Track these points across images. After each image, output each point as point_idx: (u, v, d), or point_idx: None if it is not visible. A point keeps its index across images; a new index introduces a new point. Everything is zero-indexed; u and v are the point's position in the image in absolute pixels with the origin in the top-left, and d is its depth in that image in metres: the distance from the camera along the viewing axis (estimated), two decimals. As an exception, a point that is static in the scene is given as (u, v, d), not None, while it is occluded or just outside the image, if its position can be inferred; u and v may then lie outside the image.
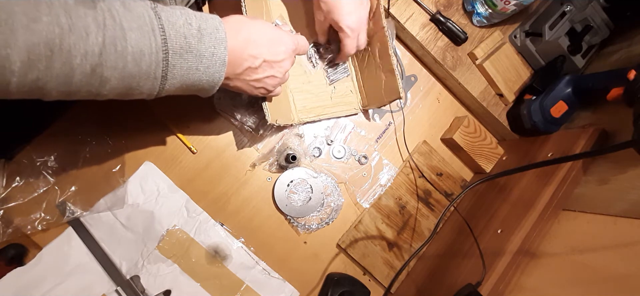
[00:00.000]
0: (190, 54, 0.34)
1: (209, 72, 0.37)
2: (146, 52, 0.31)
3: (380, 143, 0.69)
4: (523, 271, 0.52)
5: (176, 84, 0.35)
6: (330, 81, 0.64)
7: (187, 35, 0.34)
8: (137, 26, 0.31)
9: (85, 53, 0.28)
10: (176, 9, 0.35)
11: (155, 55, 0.32)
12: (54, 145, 0.54)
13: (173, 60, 0.33)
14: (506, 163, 0.69)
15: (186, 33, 0.34)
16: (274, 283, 0.60)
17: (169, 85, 0.35)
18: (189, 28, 0.34)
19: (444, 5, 0.70)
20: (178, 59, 0.34)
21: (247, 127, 0.62)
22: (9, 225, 0.50)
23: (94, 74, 0.29)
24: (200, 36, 0.35)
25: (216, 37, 0.36)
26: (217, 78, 0.38)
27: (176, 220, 0.57)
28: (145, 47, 0.31)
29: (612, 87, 0.54)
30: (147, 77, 0.33)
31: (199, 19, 0.35)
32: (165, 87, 0.35)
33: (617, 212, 0.47)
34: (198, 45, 0.35)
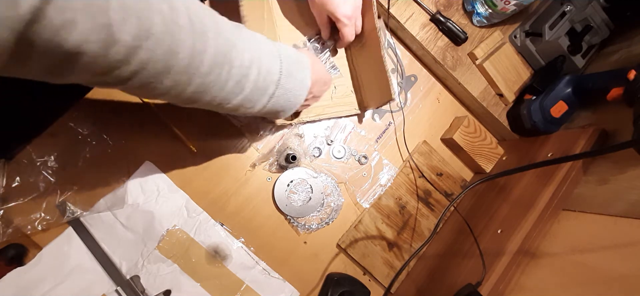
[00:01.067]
0: (292, 78, 0.41)
1: (297, 94, 0.44)
2: (272, 71, 0.39)
3: (380, 143, 0.69)
4: (523, 271, 0.52)
5: (275, 104, 0.41)
6: None
7: (291, 63, 0.41)
8: (268, 52, 0.39)
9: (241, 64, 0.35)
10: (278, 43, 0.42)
11: (277, 75, 0.39)
12: (54, 145, 0.54)
13: (283, 81, 0.40)
14: (506, 163, 0.69)
15: (291, 62, 0.41)
16: (274, 283, 0.60)
17: (271, 105, 0.41)
18: (289, 57, 0.41)
19: (444, 5, 0.70)
20: (285, 80, 0.40)
21: (247, 127, 0.62)
22: (9, 225, 0.50)
23: (238, 84, 0.36)
24: (298, 64, 0.42)
25: (305, 66, 0.43)
26: (300, 100, 0.45)
27: (176, 220, 0.57)
28: (273, 68, 0.39)
29: (612, 87, 0.54)
30: (264, 92, 0.39)
31: (292, 51, 0.43)
32: (268, 105, 0.41)
33: (617, 212, 0.47)
34: (297, 72, 0.42)
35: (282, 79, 0.40)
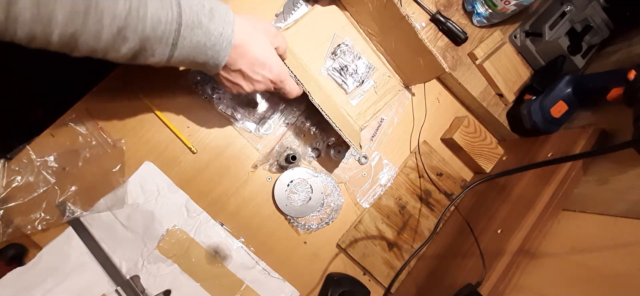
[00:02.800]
0: (200, 30, 0.39)
1: (216, 50, 0.41)
2: (163, 20, 0.36)
3: (376, 141, 0.69)
4: (523, 271, 0.52)
5: (184, 54, 0.39)
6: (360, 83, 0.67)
7: (199, 13, 0.38)
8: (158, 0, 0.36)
9: (114, 16, 0.33)
10: None
11: (170, 25, 0.37)
12: (54, 145, 0.54)
13: (185, 32, 0.38)
14: (506, 163, 0.69)
15: (199, 11, 0.38)
16: (274, 283, 0.60)
17: (178, 54, 0.39)
18: (202, 8, 0.39)
19: (444, 5, 0.70)
20: (189, 31, 0.38)
21: (247, 127, 0.62)
22: (9, 225, 0.50)
23: (119, 34, 0.34)
24: (211, 16, 0.39)
25: (225, 19, 0.40)
26: (223, 57, 0.42)
27: (176, 220, 0.57)
28: (163, 16, 0.36)
29: (612, 87, 0.55)
30: (160, 42, 0.37)
31: (212, 2, 0.40)
32: (175, 55, 0.39)
33: (617, 212, 0.47)
34: (208, 23, 0.39)
35: (183, 30, 0.37)
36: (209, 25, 0.39)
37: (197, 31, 0.39)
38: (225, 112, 0.61)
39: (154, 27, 0.36)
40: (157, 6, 0.35)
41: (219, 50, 0.41)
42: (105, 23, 0.33)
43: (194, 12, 0.38)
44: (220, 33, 0.40)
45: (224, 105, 0.61)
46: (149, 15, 0.35)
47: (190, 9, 0.38)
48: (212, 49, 0.40)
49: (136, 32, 0.35)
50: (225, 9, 0.41)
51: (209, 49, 0.40)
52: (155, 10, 0.35)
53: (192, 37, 0.39)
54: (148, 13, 0.35)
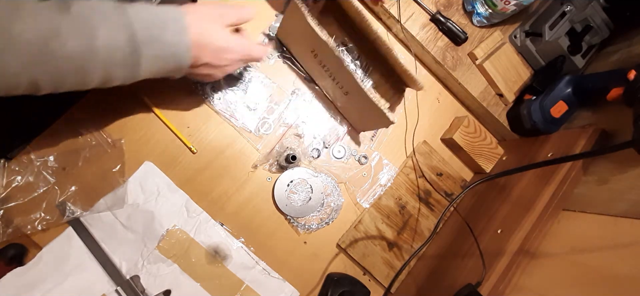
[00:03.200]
0: (156, 43, 0.39)
1: (176, 57, 0.42)
2: (117, 46, 0.37)
3: (376, 141, 0.69)
4: (523, 271, 0.52)
5: (149, 68, 0.40)
6: None
7: (151, 28, 0.39)
8: (107, 25, 0.36)
9: (67, 55, 0.34)
10: (139, 5, 0.39)
11: (125, 48, 0.37)
12: (54, 145, 0.54)
13: (142, 50, 0.38)
14: (506, 163, 0.69)
15: (150, 26, 0.39)
16: (274, 283, 0.60)
17: (143, 71, 0.40)
18: (153, 23, 0.39)
19: (444, 5, 0.70)
20: (146, 48, 0.39)
21: (247, 126, 0.62)
22: (9, 225, 0.50)
23: (80, 72, 0.35)
24: (164, 27, 0.40)
25: (178, 26, 0.41)
26: (185, 60, 0.43)
27: (176, 220, 0.57)
28: (115, 43, 0.36)
29: (612, 87, 0.54)
30: (121, 65, 0.38)
31: (161, 13, 0.40)
32: (141, 72, 0.40)
33: (617, 212, 0.47)
34: (162, 35, 0.39)
35: (142, 48, 0.38)
36: (164, 36, 0.40)
37: (154, 45, 0.39)
38: (225, 112, 0.61)
39: (111, 55, 0.36)
40: (107, 35, 0.36)
41: (180, 56, 0.42)
42: (62, 66, 0.34)
43: (146, 29, 0.38)
44: (177, 41, 0.41)
45: (224, 105, 0.61)
46: (102, 46, 0.36)
47: (142, 27, 0.38)
48: (172, 57, 0.41)
49: (96, 64, 0.36)
50: (175, 16, 0.41)
51: (169, 58, 0.41)
52: (106, 39, 0.36)
53: (150, 52, 0.39)
54: (100, 44, 0.35)
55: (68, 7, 0.34)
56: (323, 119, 0.67)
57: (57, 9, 0.33)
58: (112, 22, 0.36)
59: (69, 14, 0.34)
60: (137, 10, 0.38)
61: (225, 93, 0.61)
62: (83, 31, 0.34)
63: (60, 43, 0.33)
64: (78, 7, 0.35)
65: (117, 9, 0.37)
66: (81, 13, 0.35)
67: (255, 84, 0.63)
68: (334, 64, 0.56)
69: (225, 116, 0.61)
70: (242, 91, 0.62)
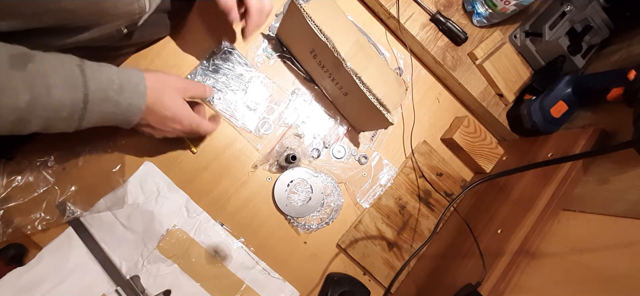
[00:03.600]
0: (108, 103, 0.41)
1: (126, 117, 0.43)
2: (67, 105, 0.37)
3: (376, 141, 0.69)
4: (523, 271, 0.52)
5: (92, 122, 0.41)
6: None
7: (108, 89, 0.40)
8: (63, 82, 0.37)
9: (14, 107, 0.34)
10: (103, 66, 0.41)
11: (75, 106, 0.38)
12: (54, 145, 0.54)
13: (91, 107, 0.39)
14: (506, 163, 0.69)
15: (107, 87, 0.40)
16: (274, 283, 0.60)
17: (85, 124, 0.41)
18: (110, 83, 0.40)
19: (444, 5, 0.70)
20: (96, 106, 0.40)
21: (247, 127, 0.62)
22: (9, 225, 0.50)
23: (19, 121, 0.36)
24: (120, 90, 0.41)
25: (136, 90, 0.43)
26: (133, 121, 0.45)
27: (176, 220, 0.57)
28: (67, 101, 0.37)
29: (612, 87, 0.54)
30: (65, 120, 0.39)
31: (122, 76, 0.42)
32: (82, 125, 0.41)
33: (617, 212, 0.47)
34: (117, 97, 0.41)
35: (89, 106, 0.39)
36: (118, 98, 0.41)
37: (106, 104, 0.40)
38: (225, 112, 0.61)
39: (58, 110, 0.37)
40: (62, 91, 0.37)
41: (129, 117, 0.44)
42: (3, 114, 0.34)
43: (102, 90, 0.40)
44: (129, 104, 0.42)
45: (224, 105, 0.61)
46: (53, 102, 0.36)
47: (98, 87, 0.39)
48: (122, 115, 0.43)
49: (39, 117, 0.36)
50: (136, 81, 0.43)
51: (118, 116, 0.43)
52: (60, 96, 0.37)
53: (99, 110, 0.40)
54: (52, 100, 0.36)
55: (25, 63, 0.35)
56: (323, 119, 0.67)
57: (12, 64, 0.34)
58: (67, 82, 0.37)
59: (24, 70, 0.35)
60: (95, 71, 0.39)
61: (225, 94, 0.61)
62: (37, 88, 0.35)
63: (8, 97, 0.34)
64: (36, 64, 0.36)
65: (76, 68, 0.38)
66: (38, 70, 0.35)
67: (255, 84, 0.63)
68: (333, 64, 0.56)
69: (225, 116, 0.61)
70: (242, 91, 0.62)
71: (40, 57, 0.36)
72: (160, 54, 0.59)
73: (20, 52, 0.35)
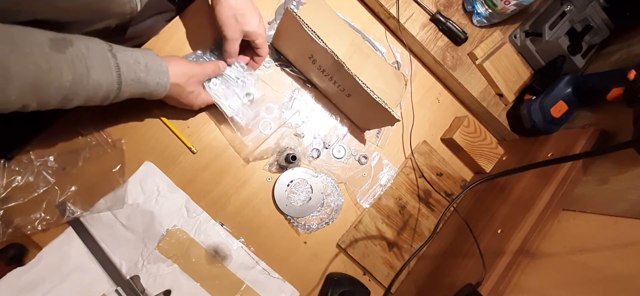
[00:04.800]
0: (138, 84, 0.45)
1: (154, 93, 0.48)
2: (104, 84, 0.42)
3: (381, 137, 0.69)
4: (523, 271, 0.52)
5: (124, 98, 0.46)
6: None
7: (137, 70, 0.44)
8: (98, 65, 0.41)
9: (59, 86, 0.38)
10: (128, 50, 0.45)
11: (111, 85, 0.42)
12: (54, 145, 0.54)
13: (124, 88, 0.44)
14: (506, 163, 0.69)
15: (136, 68, 0.44)
16: (274, 283, 0.60)
17: (118, 99, 0.45)
18: (138, 64, 0.44)
19: (444, 5, 0.70)
20: (128, 87, 0.44)
21: (237, 117, 0.59)
22: (9, 225, 0.50)
23: (64, 99, 0.39)
24: (147, 71, 0.45)
25: (160, 71, 0.47)
26: (160, 96, 0.49)
27: (176, 220, 0.57)
28: (104, 81, 0.41)
29: (612, 87, 0.55)
30: (101, 98, 0.43)
31: (147, 58, 0.46)
32: (118, 100, 0.45)
33: (617, 212, 0.47)
34: (145, 77, 0.45)
35: (123, 87, 0.43)
36: (147, 78, 0.46)
37: (136, 85, 0.45)
38: (218, 98, 0.58)
39: (96, 90, 0.41)
40: (100, 73, 0.41)
41: (157, 92, 0.48)
42: (51, 93, 0.38)
43: (132, 71, 0.44)
44: (157, 82, 0.47)
45: (219, 92, 0.58)
46: (92, 82, 0.40)
47: (128, 68, 0.43)
48: (150, 93, 0.47)
49: (80, 95, 0.40)
50: (159, 62, 0.47)
51: (147, 93, 0.47)
52: (98, 77, 0.40)
53: (131, 89, 0.45)
54: (90, 80, 0.40)
55: (65, 47, 0.38)
56: (323, 119, 0.67)
57: (53, 47, 0.37)
58: (103, 65, 0.41)
59: (65, 53, 0.38)
60: (124, 54, 0.43)
61: (222, 81, 0.59)
62: (78, 69, 0.39)
63: (55, 77, 0.37)
64: (75, 48, 0.39)
65: (108, 52, 0.42)
66: (76, 53, 0.39)
67: (253, 80, 0.61)
68: (333, 67, 0.56)
69: (218, 102, 0.57)
70: (240, 82, 0.60)
71: (77, 41, 0.40)
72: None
73: (58, 37, 0.38)
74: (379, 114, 0.57)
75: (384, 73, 0.62)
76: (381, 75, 0.61)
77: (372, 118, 0.62)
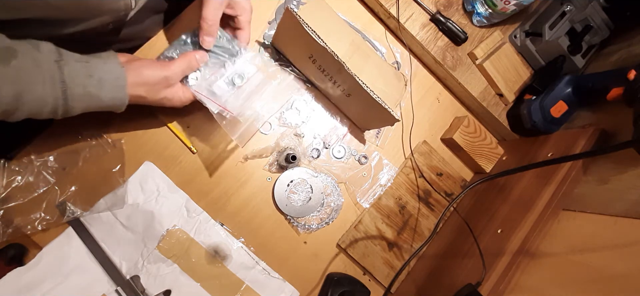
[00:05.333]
0: (90, 99, 0.42)
1: (111, 107, 0.45)
2: (49, 100, 0.39)
3: (381, 137, 0.69)
4: (523, 271, 0.52)
5: (79, 112, 0.43)
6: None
7: (87, 85, 0.41)
8: (43, 79, 0.38)
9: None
10: (82, 61, 0.41)
11: (57, 101, 0.39)
12: (54, 145, 0.54)
13: (72, 103, 0.41)
14: (506, 163, 0.69)
15: (86, 83, 0.41)
16: (274, 283, 0.60)
17: (72, 114, 0.42)
18: (89, 79, 0.41)
19: (444, 5, 0.70)
20: (78, 102, 0.41)
21: (227, 108, 0.52)
22: (9, 225, 0.50)
23: (4, 113, 0.38)
24: (100, 86, 0.42)
25: (116, 85, 0.43)
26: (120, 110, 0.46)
27: (176, 220, 0.57)
28: (49, 96, 0.39)
29: (612, 87, 0.55)
30: (50, 113, 0.40)
31: (102, 71, 0.42)
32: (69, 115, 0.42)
33: (617, 212, 0.47)
34: (97, 91, 0.42)
35: (70, 102, 0.40)
36: (99, 93, 0.42)
37: (87, 100, 0.42)
38: (200, 92, 0.53)
39: (41, 106, 0.39)
40: (44, 88, 0.38)
41: (115, 107, 0.45)
42: None
43: (81, 85, 0.40)
44: (112, 98, 0.43)
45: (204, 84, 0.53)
46: (36, 97, 0.38)
47: (75, 83, 0.40)
48: (108, 107, 0.44)
49: (22, 110, 0.38)
50: (116, 75, 0.43)
51: (104, 107, 0.44)
52: (41, 91, 0.38)
53: (82, 104, 0.42)
54: (35, 96, 0.38)
55: (8, 59, 0.36)
56: (323, 119, 0.67)
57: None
58: (47, 78, 0.38)
59: (8, 65, 0.36)
60: (72, 68, 0.40)
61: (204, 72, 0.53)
62: (21, 84, 0.37)
63: None
64: (19, 60, 0.37)
65: (55, 64, 0.39)
66: (21, 65, 0.37)
67: (243, 61, 0.55)
68: (334, 67, 0.56)
69: (201, 97, 0.53)
70: (225, 65, 0.54)
71: (23, 52, 0.37)
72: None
73: (3, 46, 0.37)
74: (379, 114, 0.57)
75: (384, 73, 0.62)
76: (381, 75, 0.61)
77: (372, 118, 0.62)
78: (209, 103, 0.52)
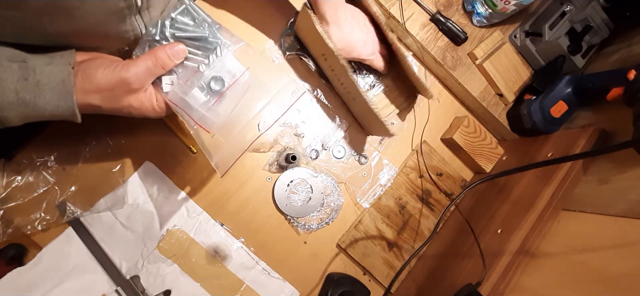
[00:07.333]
0: (24, 107, 0.34)
1: (60, 117, 0.37)
2: None
3: (384, 144, 0.69)
4: (523, 271, 0.52)
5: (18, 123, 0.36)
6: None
7: (19, 91, 0.34)
8: None
9: None
10: (15, 63, 0.34)
11: None
12: (54, 145, 0.54)
13: (4, 113, 0.34)
14: (506, 163, 0.69)
15: (19, 88, 0.33)
16: (274, 283, 0.60)
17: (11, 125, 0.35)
18: (23, 83, 0.34)
19: (444, 5, 0.70)
20: (10, 111, 0.34)
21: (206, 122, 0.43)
22: (9, 225, 0.50)
23: None
24: (37, 90, 0.34)
25: (61, 90, 0.35)
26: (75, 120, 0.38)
27: (176, 220, 0.57)
28: None
29: (612, 87, 0.55)
30: None
31: (45, 75, 0.34)
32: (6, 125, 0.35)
33: (617, 212, 0.47)
34: (36, 99, 0.34)
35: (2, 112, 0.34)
36: (35, 100, 0.34)
37: (21, 109, 0.34)
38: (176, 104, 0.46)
39: None
40: None
41: (63, 116, 0.37)
42: None
43: (12, 91, 0.33)
44: (57, 106, 0.35)
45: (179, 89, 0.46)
46: None
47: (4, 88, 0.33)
48: (54, 117, 0.37)
49: None
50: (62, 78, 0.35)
51: (49, 118, 0.36)
52: None
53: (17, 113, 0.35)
54: None
55: None
56: (323, 119, 0.67)
57: None
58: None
59: None
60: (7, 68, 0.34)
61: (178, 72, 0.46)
62: None
63: None
64: None
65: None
66: None
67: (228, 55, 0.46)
68: (340, 70, 0.56)
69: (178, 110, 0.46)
70: (204, 64, 0.43)
71: None
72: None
73: None
74: (378, 125, 0.58)
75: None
76: None
77: (372, 126, 0.63)
78: (185, 118, 0.41)
